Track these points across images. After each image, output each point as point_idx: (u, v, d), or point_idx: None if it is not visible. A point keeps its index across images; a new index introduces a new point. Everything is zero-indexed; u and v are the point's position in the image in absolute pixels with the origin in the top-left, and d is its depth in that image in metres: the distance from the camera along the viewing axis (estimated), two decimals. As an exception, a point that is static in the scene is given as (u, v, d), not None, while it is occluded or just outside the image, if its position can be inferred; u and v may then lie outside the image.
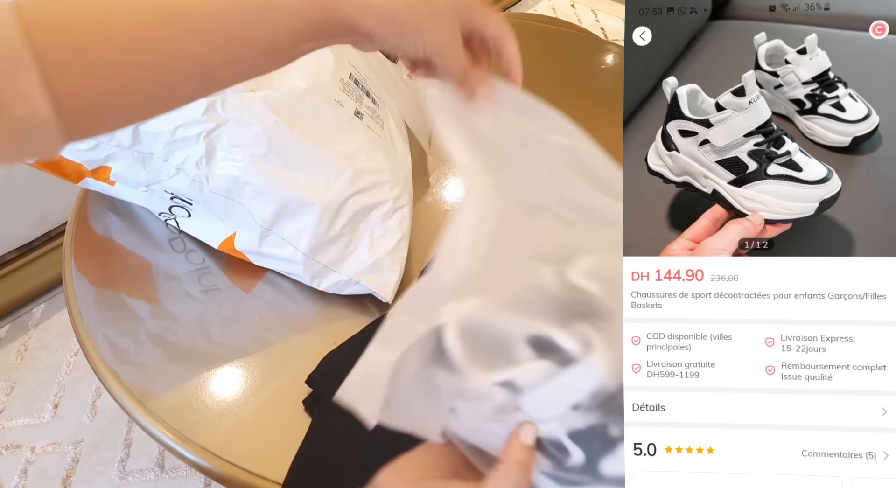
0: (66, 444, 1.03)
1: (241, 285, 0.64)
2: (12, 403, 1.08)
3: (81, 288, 0.63)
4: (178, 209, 0.65)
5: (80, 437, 1.03)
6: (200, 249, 0.66)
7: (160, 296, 0.63)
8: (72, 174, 0.65)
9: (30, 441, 1.03)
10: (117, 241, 0.68)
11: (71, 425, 1.05)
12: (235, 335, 0.60)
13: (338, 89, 0.64)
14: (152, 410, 0.54)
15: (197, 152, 0.60)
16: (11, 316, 1.19)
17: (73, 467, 1.01)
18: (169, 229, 0.68)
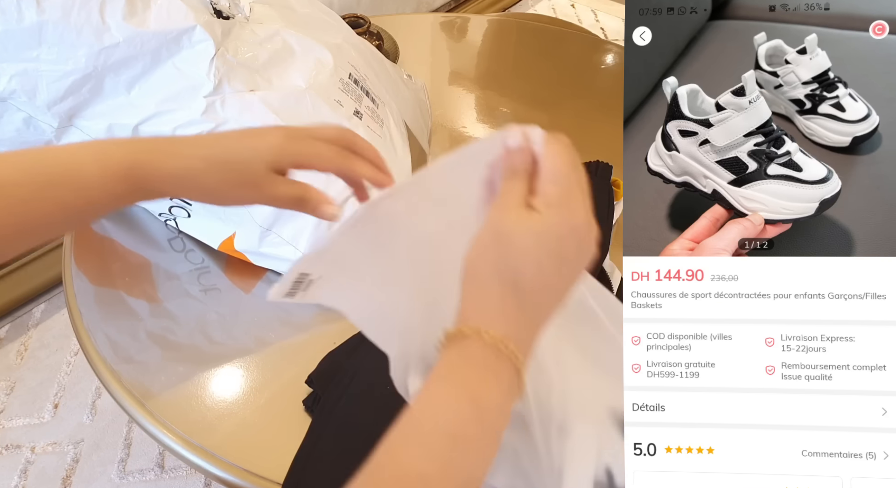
0: (66, 444, 1.03)
1: (241, 285, 0.64)
2: (12, 403, 1.08)
3: (81, 287, 0.63)
4: (177, 209, 0.65)
5: (80, 437, 1.03)
6: (200, 249, 0.66)
7: (160, 296, 0.63)
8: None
9: (30, 441, 1.03)
10: (117, 241, 0.68)
11: (71, 425, 1.05)
12: (235, 335, 0.60)
13: (337, 89, 0.64)
14: (152, 410, 0.54)
15: (197, 152, 0.60)
16: (11, 316, 1.19)
17: (73, 467, 1.01)
18: (168, 229, 0.68)
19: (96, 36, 0.55)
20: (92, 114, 0.59)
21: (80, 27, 0.54)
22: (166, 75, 0.58)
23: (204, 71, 0.58)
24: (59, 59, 0.54)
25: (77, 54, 0.54)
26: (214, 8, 0.61)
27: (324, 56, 0.65)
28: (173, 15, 0.57)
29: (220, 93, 0.59)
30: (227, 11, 0.62)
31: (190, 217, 0.65)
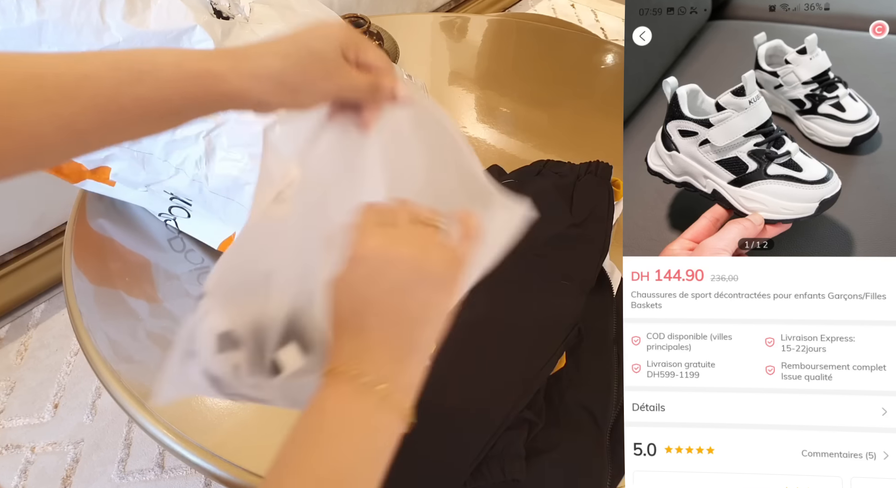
0: (66, 444, 1.03)
1: (241, 285, 0.64)
2: (12, 403, 1.08)
3: (81, 287, 0.63)
4: (177, 209, 0.65)
5: (80, 437, 1.03)
6: (200, 249, 0.66)
7: (160, 296, 0.63)
8: (71, 173, 0.65)
9: (30, 441, 1.03)
10: (117, 241, 0.68)
11: (71, 425, 1.05)
12: (235, 335, 0.60)
13: (338, 89, 0.64)
14: (152, 410, 0.54)
15: (196, 152, 0.60)
16: (11, 316, 1.19)
17: (73, 467, 1.00)
18: (168, 229, 0.68)
19: (96, 35, 0.55)
20: (92, 114, 0.59)
21: (80, 27, 0.54)
22: (166, 75, 0.58)
23: (204, 71, 0.58)
24: (58, 58, 0.55)
25: (77, 54, 0.54)
26: (214, 8, 0.61)
27: (324, 56, 0.65)
28: (173, 15, 0.57)
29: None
30: (227, 12, 0.62)
31: (190, 217, 0.65)
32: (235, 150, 0.61)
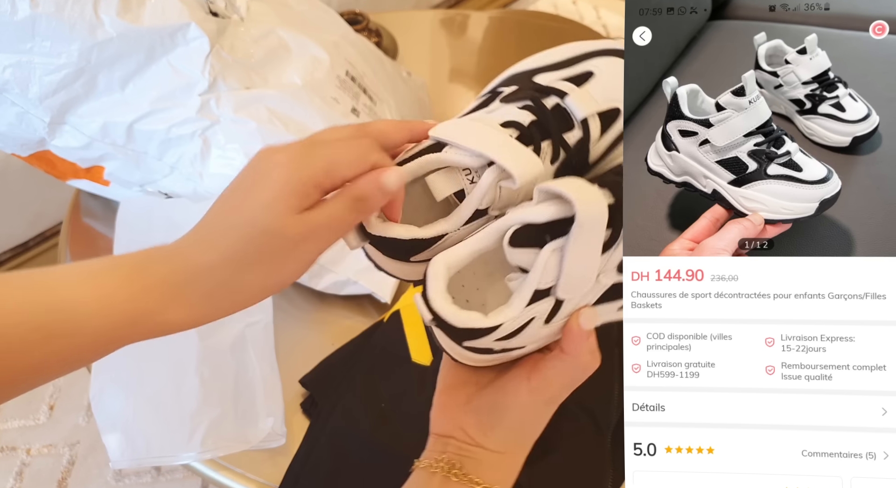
0: (62, 446, 1.02)
1: (238, 285, 0.64)
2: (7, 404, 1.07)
3: (76, 288, 0.63)
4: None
5: (75, 439, 1.03)
6: (196, 249, 0.66)
7: (156, 297, 0.63)
8: (65, 171, 0.64)
9: (25, 443, 1.02)
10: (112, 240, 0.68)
11: (66, 427, 1.04)
12: (232, 335, 0.60)
13: (334, 86, 0.64)
14: (148, 411, 0.54)
15: (191, 150, 0.59)
16: (5, 316, 1.18)
17: (68, 469, 1.00)
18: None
19: (90, 31, 0.54)
20: (86, 111, 0.58)
21: (73, 21, 0.53)
22: (160, 72, 0.57)
23: (199, 68, 0.58)
24: (51, 52, 0.54)
25: (70, 48, 0.54)
26: (210, 8, 0.61)
27: (320, 53, 0.65)
28: (168, 11, 0.56)
29: (216, 91, 0.58)
30: (223, 13, 0.61)
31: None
32: (231, 148, 0.61)
